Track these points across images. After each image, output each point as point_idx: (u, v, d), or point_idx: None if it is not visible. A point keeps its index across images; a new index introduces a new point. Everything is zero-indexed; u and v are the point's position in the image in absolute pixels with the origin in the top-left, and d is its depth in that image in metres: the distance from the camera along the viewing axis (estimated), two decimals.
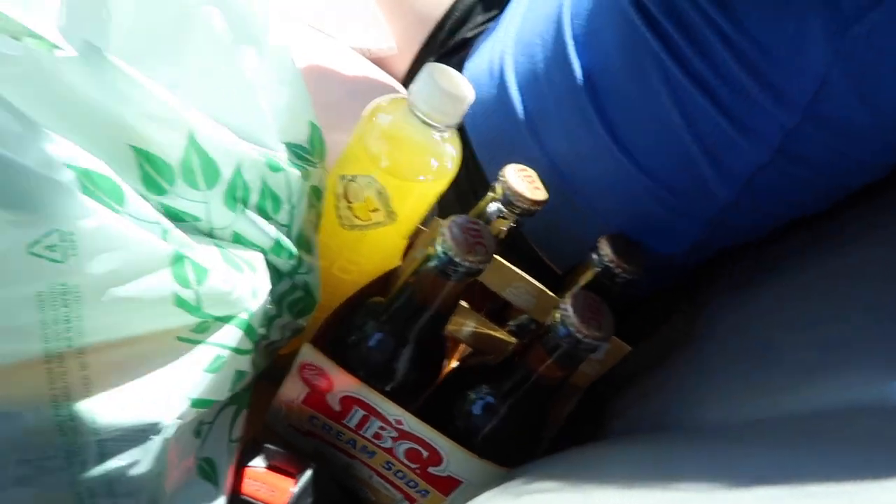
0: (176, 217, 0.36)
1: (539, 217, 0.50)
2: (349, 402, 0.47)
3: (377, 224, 0.49)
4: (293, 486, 0.47)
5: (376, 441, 0.49)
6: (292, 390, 0.48)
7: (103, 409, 0.34)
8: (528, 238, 0.57)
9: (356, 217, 0.49)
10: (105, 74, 0.32)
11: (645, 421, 0.46)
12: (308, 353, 0.46)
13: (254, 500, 0.46)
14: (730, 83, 0.44)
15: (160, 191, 0.35)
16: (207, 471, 0.42)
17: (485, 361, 0.50)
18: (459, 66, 0.61)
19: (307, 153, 0.45)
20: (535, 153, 0.53)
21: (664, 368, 0.48)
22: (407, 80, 0.69)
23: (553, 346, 0.42)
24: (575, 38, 0.50)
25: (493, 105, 0.55)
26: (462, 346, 0.56)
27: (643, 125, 0.48)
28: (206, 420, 0.42)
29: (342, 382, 0.46)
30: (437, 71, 0.45)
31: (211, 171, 0.37)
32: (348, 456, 0.51)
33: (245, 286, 0.38)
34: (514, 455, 0.46)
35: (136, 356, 0.35)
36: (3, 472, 0.33)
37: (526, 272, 0.50)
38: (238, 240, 0.40)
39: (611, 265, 0.48)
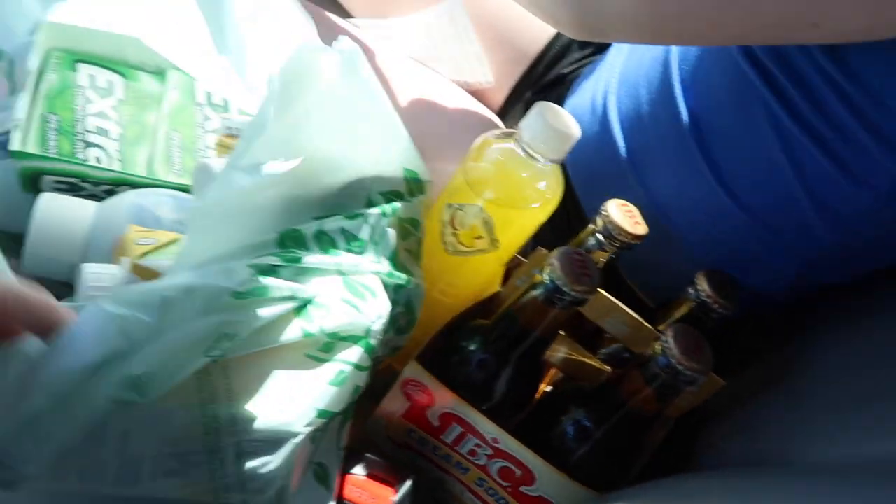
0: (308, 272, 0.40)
1: (635, 251, 0.52)
2: (448, 418, 0.50)
3: (480, 251, 0.52)
4: (393, 496, 0.49)
5: (471, 458, 0.51)
6: (393, 404, 0.51)
7: (243, 414, 0.38)
8: (621, 271, 0.58)
9: (460, 243, 0.52)
10: None
11: (740, 455, 0.47)
12: (412, 370, 0.49)
13: None
14: (840, 131, 0.45)
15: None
16: (321, 474, 0.45)
17: (580, 386, 0.51)
18: (559, 102, 0.64)
19: (399, 196, 0.49)
20: (636, 189, 0.55)
21: (759, 402, 0.49)
22: (502, 113, 0.72)
23: (652, 376, 0.44)
24: (682, 80, 0.52)
25: (593, 141, 0.57)
26: (552, 371, 0.58)
27: (749, 167, 0.50)
28: (320, 427, 0.45)
29: (443, 399, 0.49)
30: (547, 109, 0.47)
31: (298, 238, 0.41)
32: (442, 470, 0.53)
33: (368, 310, 0.41)
34: (606, 480, 0.48)
35: (270, 369, 0.39)
36: (156, 464, 0.36)
37: None
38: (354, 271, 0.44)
39: (708, 300, 0.49)
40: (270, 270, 0.38)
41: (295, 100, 0.39)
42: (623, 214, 0.50)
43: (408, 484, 0.49)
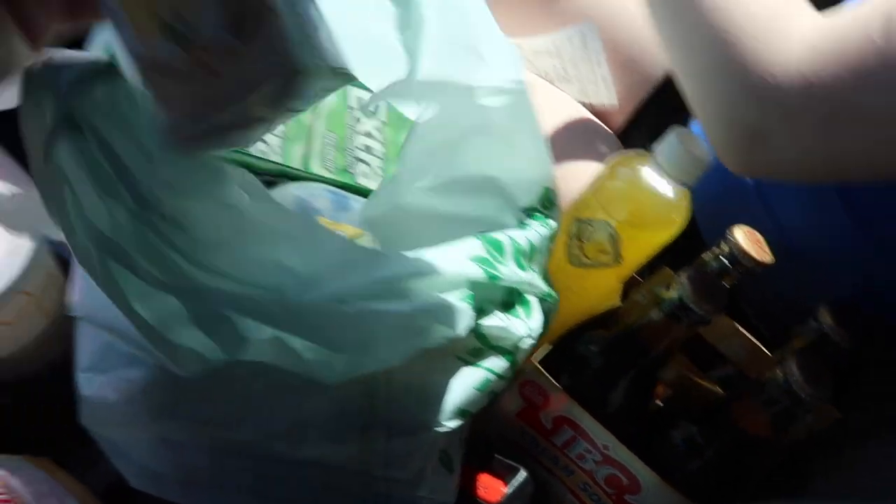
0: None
1: (756, 279, 0.53)
2: (561, 421, 0.52)
3: (603, 265, 0.54)
4: (504, 488, 0.52)
5: (578, 461, 0.53)
6: (510, 403, 0.54)
7: (398, 398, 0.41)
8: (740, 299, 0.59)
9: (585, 256, 0.55)
10: None
11: (850, 488, 0.47)
12: (532, 372, 0.52)
13: (470, 494, 0.52)
14: None
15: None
16: (446, 461, 0.48)
17: (693, 404, 0.53)
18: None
19: (536, 212, 0.51)
20: (761, 216, 0.55)
21: (878, 440, 0.49)
22: (622, 135, 0.74)
23: (770, 400, 0.45)
24: None
25: (719, 166, 0.58)
26: (661, 388, 0.59)
27: (887, 199, 0.50)
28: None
29: (558, 402, 0.51)
30: (683, 133, 0.50)
31: (498, 246, 0.42)
32: (548, 472, 0.56)
33: (521, 327, 0.43)
34: (713, 498, 0.49)
35: (424, 367, 0.41)
36: (321, 428, 0.40)
37: None
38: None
39: (829, 333, 0.50)
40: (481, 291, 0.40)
41: (459, 125, 0.41)
42: (750, 241, 0.51)
43: (520, 479, 0.52)
